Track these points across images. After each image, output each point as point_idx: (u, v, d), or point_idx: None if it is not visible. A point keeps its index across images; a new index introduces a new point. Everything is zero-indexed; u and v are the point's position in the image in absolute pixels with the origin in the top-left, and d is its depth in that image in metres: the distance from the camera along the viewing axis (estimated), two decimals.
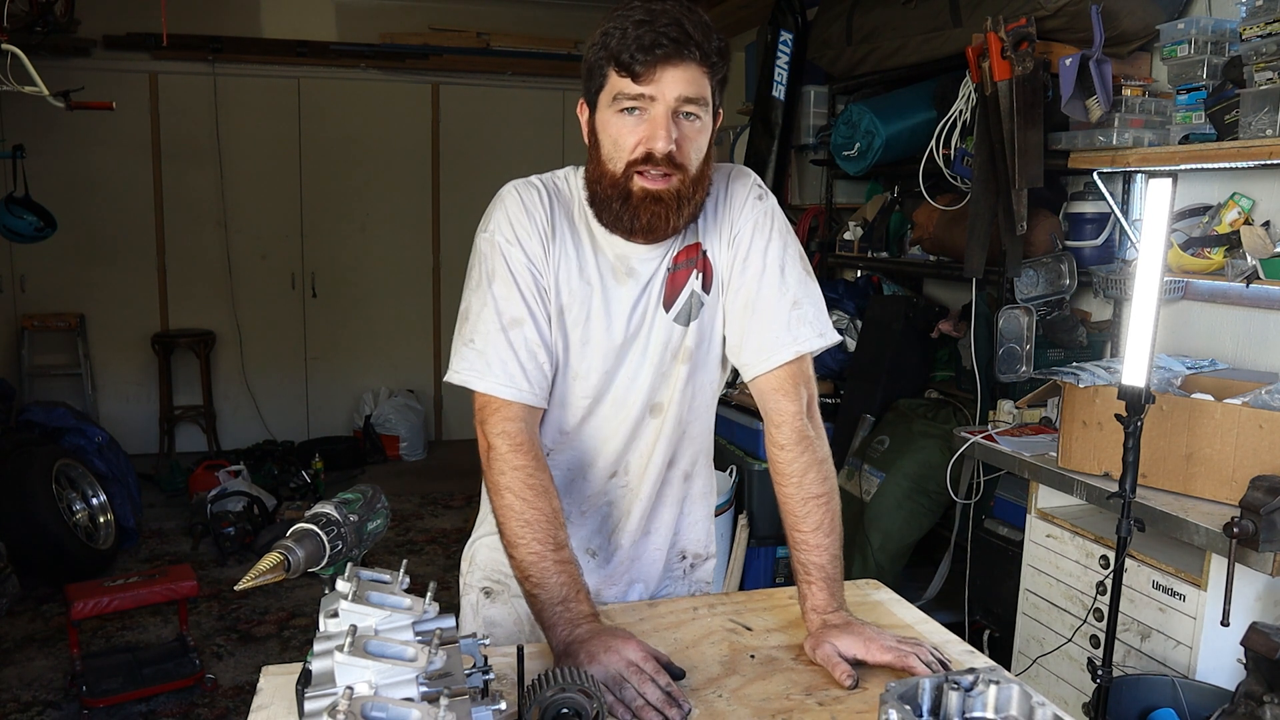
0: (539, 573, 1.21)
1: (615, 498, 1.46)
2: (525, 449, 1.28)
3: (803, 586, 1.32)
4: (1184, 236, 2.57)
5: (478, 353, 1.29)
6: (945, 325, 3.47)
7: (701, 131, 1.25)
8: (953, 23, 3.22)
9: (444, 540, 4.60)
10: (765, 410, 1.37)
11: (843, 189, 4.39)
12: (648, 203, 1.25)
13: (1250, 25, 2.23)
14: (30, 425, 4.49)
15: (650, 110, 1.21)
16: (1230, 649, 1.93)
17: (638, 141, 1.22)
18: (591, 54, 1.24)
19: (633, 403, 1.40)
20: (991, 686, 0.95)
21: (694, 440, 1.49)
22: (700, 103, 1.22)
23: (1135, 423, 1.83)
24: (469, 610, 1.55)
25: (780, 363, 1.34)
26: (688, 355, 1.40)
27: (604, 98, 1.24)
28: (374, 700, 0.79)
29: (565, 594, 1.20)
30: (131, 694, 3.05)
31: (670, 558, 1.55)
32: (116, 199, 5.80)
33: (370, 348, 6.36)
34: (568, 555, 1.24)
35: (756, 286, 1.35)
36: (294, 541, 1.02)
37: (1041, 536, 2.50)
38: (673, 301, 1.38)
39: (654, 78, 1.19)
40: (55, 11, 4.25)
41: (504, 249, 1.31)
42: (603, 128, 1.26)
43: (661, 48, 1.17)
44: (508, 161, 6.34)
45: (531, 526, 1.23)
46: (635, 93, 1.20)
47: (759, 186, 1.40)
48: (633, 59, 1.18)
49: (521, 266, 1.31)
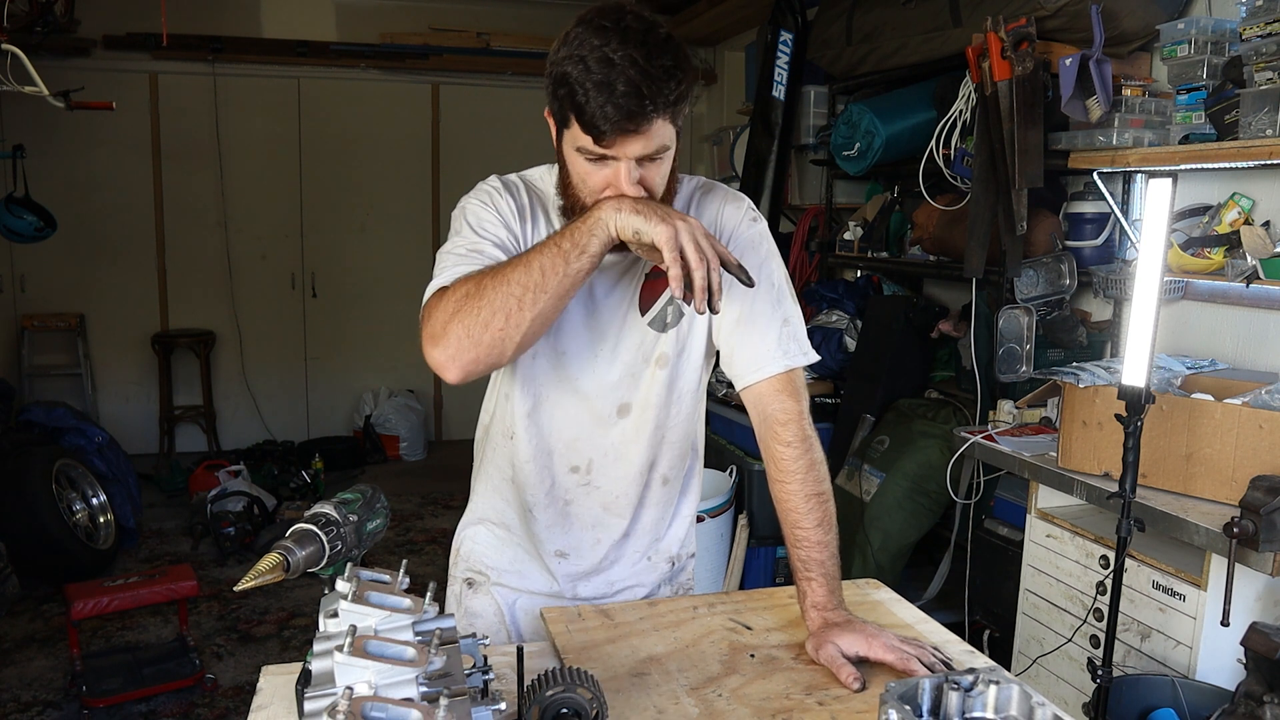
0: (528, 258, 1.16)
1: (575, 495, 1.47)
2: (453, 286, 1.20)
3: (802, 584, 1.32)
4: (1184, 236, 2.57)
5: (435, 276, 1.26)
6: (945, 325, 3.47)
7: (665, 163, 1.26)
8: (953, 23, 3.23)
9: (444, 540, 4.61)
10: (765, 412, 1.38)
11: (843, 189, 4.39)
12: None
13: (1250, 25, 2.23)
14: (30, 425, 4.49)
15: (613, 164, 1.21)
16: (1230, 649, 1.93)
17: (604, 185, 1.23)
18: (557, 85, 1.20)
19: (596, 396, 1.42)
20: (991, 686, 0.95)
21: (674, 445, 1.49)
22: (663, 149, 1.23)
23: (1135, 423, 1.83)
24: (453, 600, 1.58)
25: (774, 373, 1.37)
26: (666, 361, 1.42)
27: (569, 136, 1.23)
28: (374, 700, 0.79)
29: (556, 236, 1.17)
30: (131, 694, 3.06)
31: (656, 561, 1.57)
32: (116, 199, 5.80)
33: (370, 348, 6.36)
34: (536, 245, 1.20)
35: (751, 302, 1.37)
36: (293, 542, 1.02)
37: (1041, 536, 2.50)
38: (649, 306, 1.40)
39: (614, 144, 1.19)
40: (55, 11, 4.25)
41: (472, 209, 1.34)
42: (570, 159, 1.26)
43: (620, 121, 1.16)
44: (508, 161, 6.29)
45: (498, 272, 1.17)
46: (598, 153, 1.20)
47: (753, 210, 1.44)
48: (595, 128, 1.17)
49: (488, 221, 1.32)
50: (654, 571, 1.57)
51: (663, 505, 1.54)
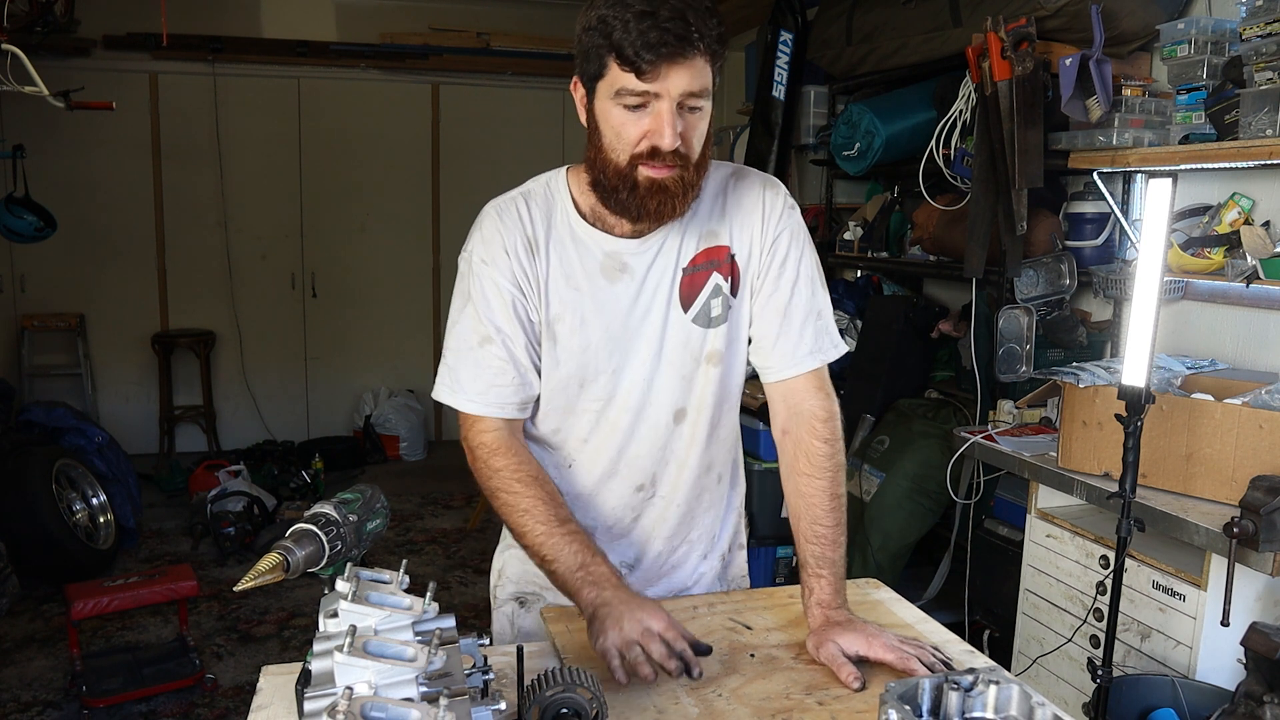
0: (551, 549, 1.24)
1: (641, 510, 1.45)
2: (504, 450, 1.32)
3: (810, 580, 1.32)
4: (1184, 236, 2.57)
5: (449, 369, 1.37)
6: (945, 325, 3.47)
7: (703, 119, 1.23)
8: (953, 23, 3.23)
9: (444, 540, 4.60)
10: (799, 407, 1.39)
11: (843, 189, 4.39)
12: (654, 191, 1.24)
13: (1250, 25, 2.23)
14: (30, 425, 4.49)
15: (654, 105, 1.18)
16: (1230, 649, 1.93)
17: (642, 135, 1.20)
18: (589, 38, 1.19)
19: (651, 406, 1.39)
20: (991, 686, 0.95)
21: (724, 441, 1.49)
22: (704, 94, 1.20)
23: (1135, 423, 1.83)
24: (503, 621, 1.53)
25: (808, 369, 1.39)
26: (718, 358, 1.40)
27: (604, 87, 1.20)
28: (374, 700, 0.79)
29: (581, 559, 1.23)
30: (131, 694, 3.05)
31: (711, 559, 1.55)
32: (116, 199, 5.80)
33: (370, 348, 6.36)
34: (575, 527, 1.27)
35: (790, 294, 1.38)
36: (293, 542, 1.02)
37: (1041, 536, 2.50)
38: (690, 302, 1.37)
39: (659, 75, 1.15)
40: (55, 11, 4.26)
41: (479, 270, 1.33)
42: (603, 117, 1.22)
43: (668, 46, 1.13)
44: (508, 161, 6.36)
45: (530, 514, 1.27)
46: (640, 89, 1.16)
47: (790, 197, 1.42)
48: (638, 56, 1.13)
49: (496, 286, 1.32)
50: (710, 570, 1.55)
51: (719, 504, 1.53)
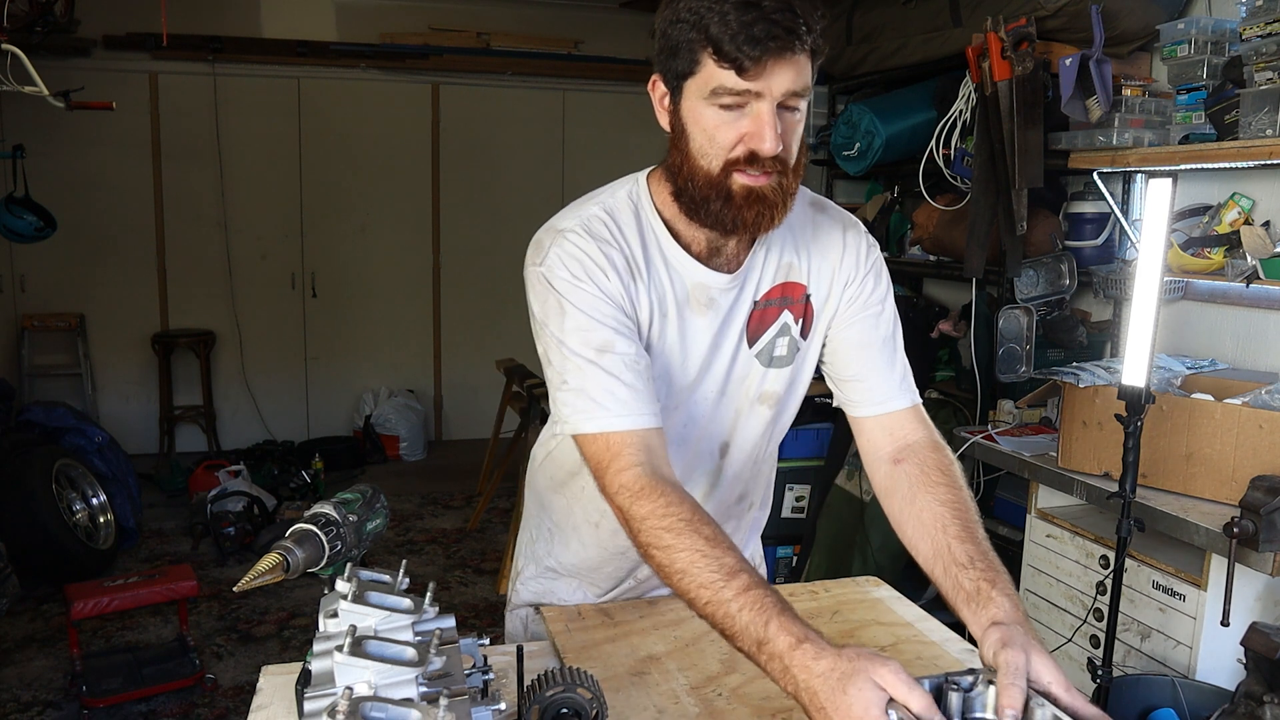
0: (722, 619, 1.02)
1: None
2: (646, 493, 1.10)
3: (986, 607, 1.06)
4: (1184, 236, 2.57)
5: (578, 392, 1.15)
6: (945, 325, 3.47)
7: (801, 121, 1.13)
8: (953, 23, 3.23)
9: (444, 540, 4.59)
10: (908, 439, 1.30)
11: (843, 189, 4.40)
12: (751, 201, 1.13)
13: (1250, 25, 2.23)
14: (30, 425, 4.49)
15: (753, 106, 1.08)
16: (1230, 649, 1.93)
17: (739, 139, 1.09)
18: (677, 31, 1.08)
19: (703, 439, 1.33)
20: (991, 687, 0.95)
21: (763, 474, 1.46)
22: (805, 94, 1.10)
23: (1135, 423, 1.83)
24: (519, 624, 1.50)
25: (899, 408, 1.31)
26: (774, 400, 1.33)
27: (695, 85, 1.09)
28: (373, 700, 0.79)
29: (757, 635, 0.99)
30: (131, 694, 3.05)
31: None
32: (116, 199, 5.79)
33: (370, 348, 6.36)
34: (744, 581, 1.02)
35: (876, 331, 1.32)
36: (293, 542, 1.02)
37: (1041, 536, 2.50)
38: (757, 338, 1.29)
39: (762, 73, 1.04)
40: (55, 11, 4.25)
41: (569, 289, 1.17)
42: (693, 119, 1.12)
43: (776, 40, 1.02)
44: (508, 161, 6.37)
45: (687, 574, 1.04)
46: (740, 89, 1.06)
47: (870, 236, 1.36)
48: (740, 52, 1.03)
49: (594, 300, 1.18)
50: None
51: (745, 527, 1.50)
